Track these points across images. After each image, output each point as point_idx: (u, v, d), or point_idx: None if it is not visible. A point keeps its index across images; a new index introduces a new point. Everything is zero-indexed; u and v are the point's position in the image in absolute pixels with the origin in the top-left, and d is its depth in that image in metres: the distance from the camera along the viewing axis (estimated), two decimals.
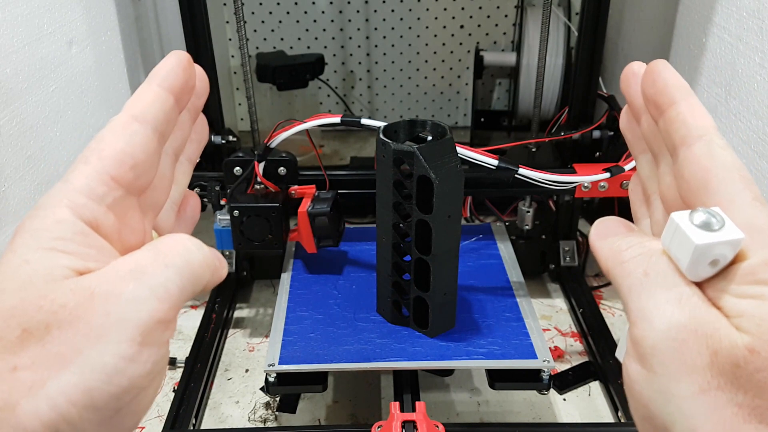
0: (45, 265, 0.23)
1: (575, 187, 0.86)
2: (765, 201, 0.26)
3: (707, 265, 0.24)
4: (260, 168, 0.82)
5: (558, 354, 0.88)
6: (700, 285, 0.25)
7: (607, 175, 0.81)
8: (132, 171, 0.25)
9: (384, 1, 1.40)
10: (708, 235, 0.24)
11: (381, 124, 0.69)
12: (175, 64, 0.28)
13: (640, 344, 0.24)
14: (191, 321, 0.95)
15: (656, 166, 0.31)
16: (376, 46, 1.45)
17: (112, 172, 0.25)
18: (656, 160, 0.31)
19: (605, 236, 0.29)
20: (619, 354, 0.28)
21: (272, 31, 1.44)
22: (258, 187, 0.84)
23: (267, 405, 0.81)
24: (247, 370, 0.86)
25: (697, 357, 0.23)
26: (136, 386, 0.23)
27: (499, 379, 0.70)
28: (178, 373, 0.85)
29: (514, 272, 0.84)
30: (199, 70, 0.30)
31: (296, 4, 1.41)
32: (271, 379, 0.69)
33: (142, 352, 0.23)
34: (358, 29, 1.43)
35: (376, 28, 1.43)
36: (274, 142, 0.81)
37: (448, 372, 0.82)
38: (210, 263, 0.26)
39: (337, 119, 0.77)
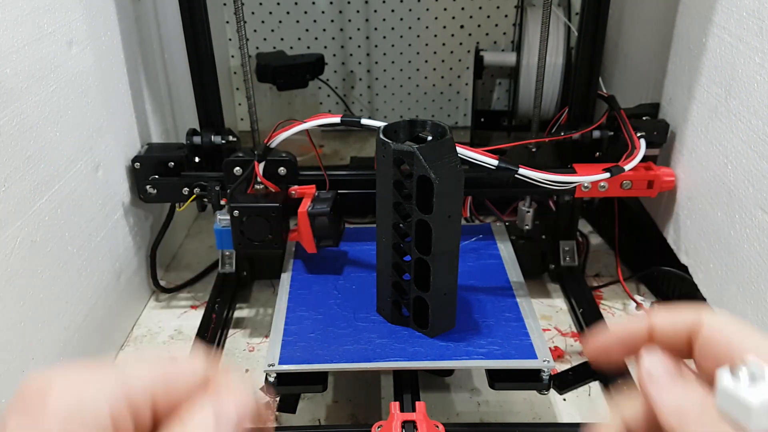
0: None
1: (575, 187, 0.86)
2: None
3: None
4: (260, 168, 0.82)
5: (558, 354, 0.88)
6: None
7: (607, 175, 0.81)
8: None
9: (384, 1, 1.40)
10: (760, 391, 0.24)
11: (381, 124, 0.68)
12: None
13: None
14: (191, 321, 0.95)
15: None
16: (376, 46, 1.45)
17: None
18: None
19: (659, 380, 0.28)
20: None
21: (272, 31, 1.44)
22: (258, 187, 0.84)
23: (267, 405, 0.81)
24: (247, 370, 0.86)
25: None
26: None
27: (499, 379, 0.70)
28: None
29: (514, 272, 0.84)
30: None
31: (296, 4, 1.41)
32: (271, 379, 0.69)
33: None
34: (358, 29, 1.43)
35: (376, 28, 1.43)
36: (274, 142, 0.81)
37: (448, 372, 0.82)
38: None
39: (337, 119, 0.77)
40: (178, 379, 0.26)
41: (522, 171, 0.76)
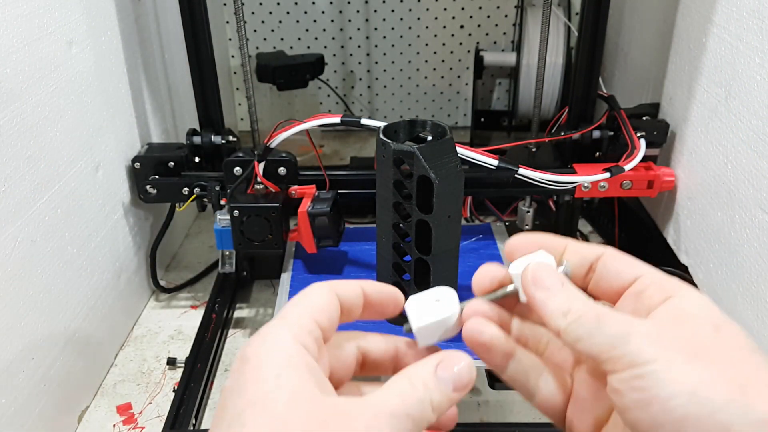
0: (296, 384, 0.26)
1: (575, 187, 0.86)
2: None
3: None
4: (260, 168, 0.82)
5: None
6: None
7: (607, 175, 0.81)
8: (326, 319, 0.30)
9: (384, 1, 1.40)
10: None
11: (381, 124, 0.68)
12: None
13: None
14: (191, 321, 0.95)
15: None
16: (376, 46, 1.45)
17: (315, 315, 0.29)
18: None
19: (547, 285, 0.31)
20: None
21: (272, 31, 1.44)
22: (258, 187, 0.84)
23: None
24: None
25: None
26: None
27: (499, 379, 0.70)
28: (178, 373, 0.85)
29: None
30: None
31: (296, 4, 1.41)
32: None
33: None
34: (358, 29, 1.43)
35: (376, 28, 1.43)
36: (274, 142, 0.81)
37: None
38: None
39: (337, 119, 0.77)
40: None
41: (522, 171, 0.76)
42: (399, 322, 0.34)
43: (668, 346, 0.26)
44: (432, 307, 0.32)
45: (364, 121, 0.76)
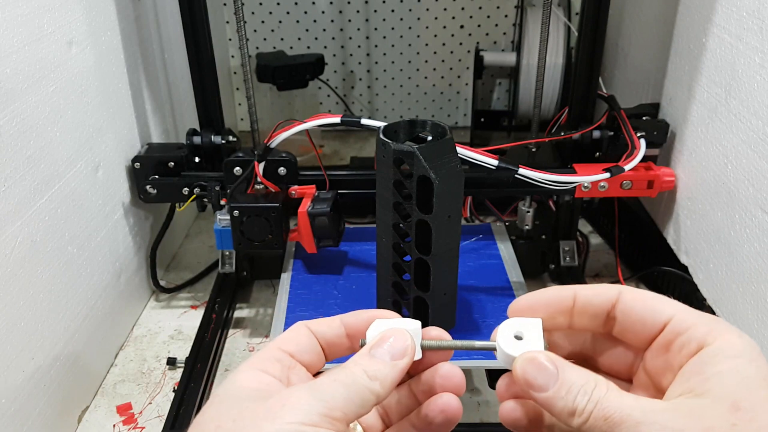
0: (238, 397, 0.30)
1: (575, 187, 0.86)
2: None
3: None
4: (260, 168, 0.82)
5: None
6: None
7: (607, 175, 0.81)
8: (293, 345, 0.33)
9: (384, 1, 1.40)
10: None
11: (381, 124, 0.68)
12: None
13: None
14: (191, 321, 0.95)
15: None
16: (376, 46, 1.45)
17: (279, 345, 0.33)
18: None
19: (541, 386, 0.30)
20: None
21: (272, 31, 1.44)
22: (258, 187, 0.84)
23: None
24: None
25: None
26: None
27: (498, 378, 0.70)
28: (178, 373, 0.85)
29: (514, 272, 0.84)
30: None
31: (296, 4, 1.41)
32: None
33: None
34: (358, 29, 1.43)
35: (376, 28, 1.43)
36: (274, 142, 0.81)
37: None
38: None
39: (337, 119, 0.77)
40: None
41: (522, 171, 0.76)
42: None
43: None
44: (396, 325, 0.33)
45: (364, 121, 0.76)
